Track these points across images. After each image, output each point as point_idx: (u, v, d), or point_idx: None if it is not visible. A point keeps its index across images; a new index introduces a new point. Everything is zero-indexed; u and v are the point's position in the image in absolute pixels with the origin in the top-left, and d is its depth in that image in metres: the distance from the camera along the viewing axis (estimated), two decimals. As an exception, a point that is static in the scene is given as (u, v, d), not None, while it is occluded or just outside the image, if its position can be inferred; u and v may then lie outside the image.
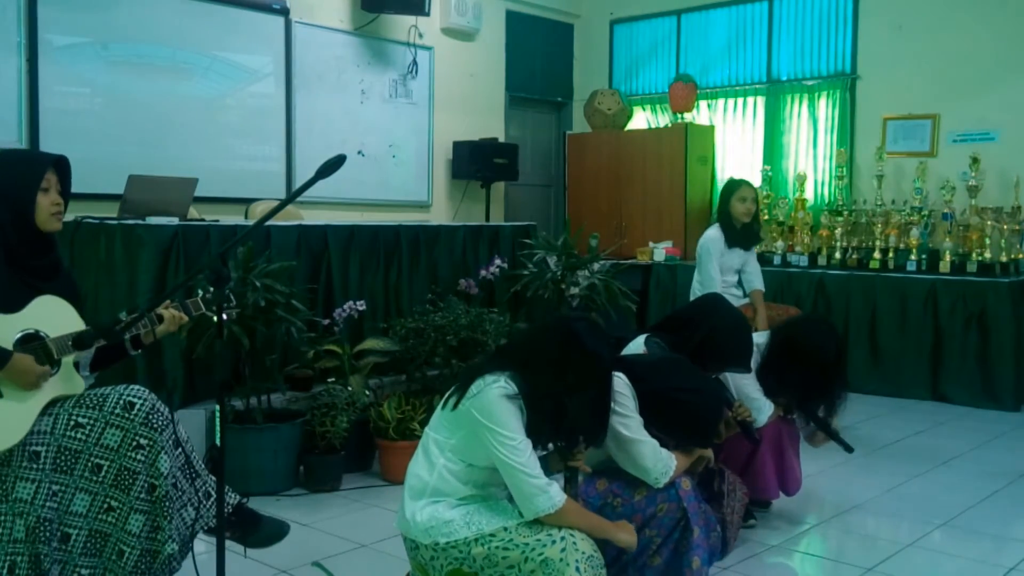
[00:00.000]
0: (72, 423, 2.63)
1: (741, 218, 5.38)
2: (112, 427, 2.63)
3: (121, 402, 2.64)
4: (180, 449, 2.72)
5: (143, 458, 2.62)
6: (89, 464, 2.62)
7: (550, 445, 2.69)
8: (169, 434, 2.67)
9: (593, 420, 2.64)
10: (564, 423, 2.58)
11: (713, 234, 5.45)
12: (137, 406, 2.63)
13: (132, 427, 2.62)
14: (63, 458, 2.62)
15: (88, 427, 2.63)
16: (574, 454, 2.70)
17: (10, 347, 2.61)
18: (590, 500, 2.95)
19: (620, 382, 2.92)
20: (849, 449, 3.93)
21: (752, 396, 3.78)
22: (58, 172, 2.76)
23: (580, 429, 2.63)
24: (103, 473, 2.62)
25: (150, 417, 2.63)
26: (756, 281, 5.57)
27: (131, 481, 2.63)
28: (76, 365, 2.76)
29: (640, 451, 2.91)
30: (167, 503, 2.64)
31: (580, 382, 2.56)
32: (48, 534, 2.58)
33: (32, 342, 2.64)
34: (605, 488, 2.99)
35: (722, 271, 5.40)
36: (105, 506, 2.63)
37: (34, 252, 2.71)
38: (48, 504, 2.59)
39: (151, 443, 2.62)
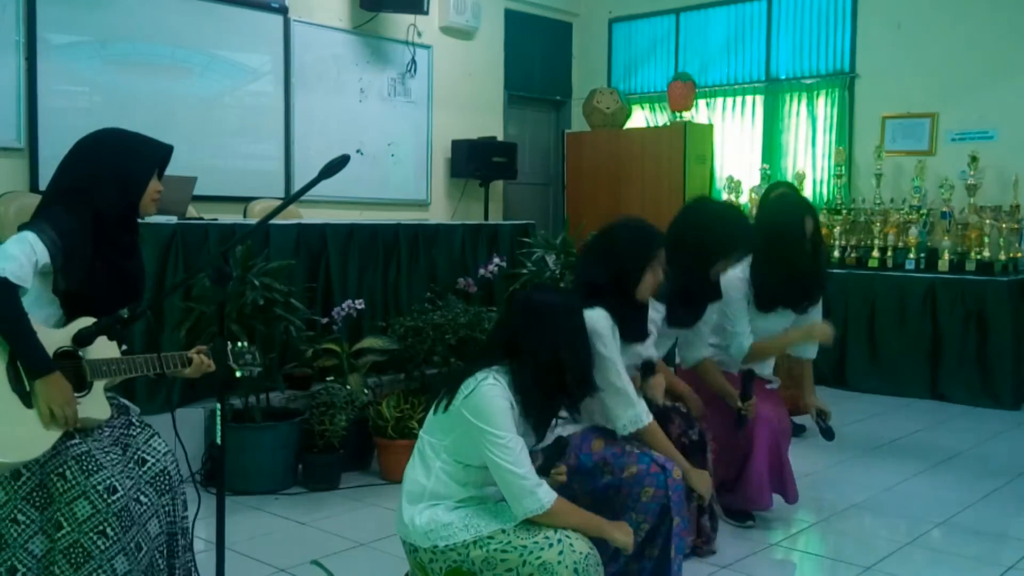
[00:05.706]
0: (60, 471, 2.46)
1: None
2: (86, 499, 2.43)
3: (107, 483, 2.46)
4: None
5: (103, 546, 2.43)
6: (54, 518, 2.46)
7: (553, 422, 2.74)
8: (131, 537, 2.47)
9: (582, 374, 2.67)
10: (560, 392, 2.62)
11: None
12: (119, 493, 2.46)
13: (106, 511, 2.44)
14: (38, 495, 2.48)
15: (71, 481, 2.45)
16: (555, 474, 2.70)
17: None
18: (583, 457, 2.98)
19: (601, 318, 2.94)
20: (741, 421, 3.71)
21: (736, 331, 3.81)
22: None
23: (575, 389, 2.65)
24: (62, 533, 2.44)
25: (123, 513, 2.46)
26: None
27: (83, 560, 2.43)
28: (112, 397, 2.65)
29: (611, 399, 2.94)
30: None
31: (563, 339, 2.59)
32: None
33: (68, 359, 2.52)
34: (600, 452, 3.01)
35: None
36: (55, 568, 2.46)
37: (125, 228, 2.71)
38: (8, 524, 2.46)
39: (116, 537, 2.44)
